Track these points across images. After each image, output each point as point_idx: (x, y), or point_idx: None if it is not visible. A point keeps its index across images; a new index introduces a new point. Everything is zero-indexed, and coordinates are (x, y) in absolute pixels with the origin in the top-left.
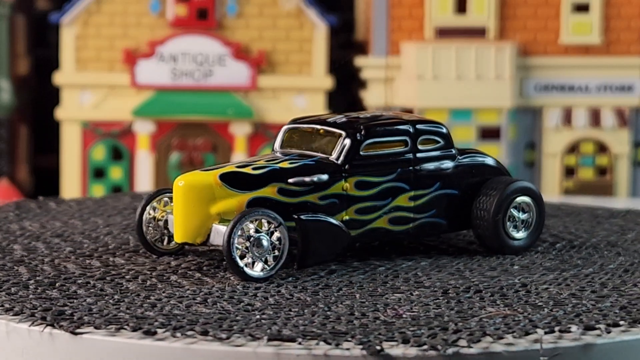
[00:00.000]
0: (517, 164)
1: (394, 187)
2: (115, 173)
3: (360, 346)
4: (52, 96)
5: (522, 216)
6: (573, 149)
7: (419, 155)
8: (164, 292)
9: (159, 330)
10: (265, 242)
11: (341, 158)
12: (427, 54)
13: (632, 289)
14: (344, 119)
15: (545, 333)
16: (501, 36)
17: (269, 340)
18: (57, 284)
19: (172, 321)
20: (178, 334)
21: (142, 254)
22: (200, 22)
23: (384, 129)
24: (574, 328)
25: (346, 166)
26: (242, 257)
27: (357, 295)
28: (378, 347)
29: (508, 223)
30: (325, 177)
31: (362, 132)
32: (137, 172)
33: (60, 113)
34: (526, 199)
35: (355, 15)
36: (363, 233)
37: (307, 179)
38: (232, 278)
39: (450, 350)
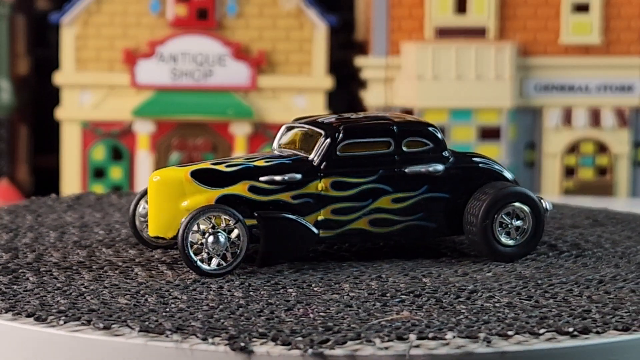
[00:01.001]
0: (517, 164)
1: (374, 188)
2: (115, 173)
3: (226, 342)
4: (52, 96)
5: (516, 223)
6: (573, 149)
7: (403, 156)
8: (108, 283)
9: (50, 318)
10: (222, 239)
11: (318, 158)
12: (427, 54)
13: (581, 302)
14: (332, 120)
15: (418, 338)
16: (501, 36)
17: (140, 331)
18: (18, 271)
19: (71, 310)
20: (62, 322)
21: (137, 247)
22: (200, 22)
23: (365, 130)
24: (449, 335)
25: (322, 166)
26: (199, 252)
27: (294, 294)
28: (242, 344)
29: (500, 229)
30: (297, 176)
31: (341, 133)
32: (137, 172)
33: (60, 113)
34: (521, 205)
35: (355, 15)
36: (342, 233)
37: (277, 177)
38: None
39: (310, 351)
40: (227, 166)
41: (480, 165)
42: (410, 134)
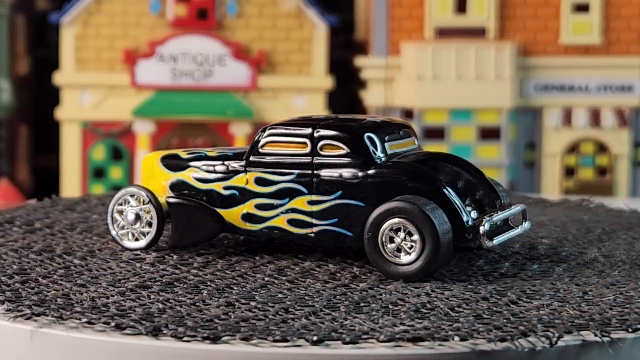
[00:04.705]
0: (517, 164)
1: (291, 188)
2: (115, 173)
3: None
4: (52, 96)
5: (403, 242)
6: (573, 149)
7: (319, 160)
8: (54, 267)
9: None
10: (138, 217)
11: (246, 152)
12: (427, 54)
13: (430, 317)
14: (296, 118)
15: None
16: (501, 36)
17: None
18: None
19: None
20: None
21: None
22: (200, 22)
23: (284, 129)
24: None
25: (248, 160)
26: (123, 228)
27: (181, 286)
28: None
29: (391, 245)
30: (221, 168)
31: (266, 129)
32: (137, 172)
33: (60, 113)
34: (408, 221)
35: (355, 15)
36: (264, 229)
37: (206, 167)
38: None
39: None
40: (188, 153)
41: (409, 176)
42: (325, 137)
